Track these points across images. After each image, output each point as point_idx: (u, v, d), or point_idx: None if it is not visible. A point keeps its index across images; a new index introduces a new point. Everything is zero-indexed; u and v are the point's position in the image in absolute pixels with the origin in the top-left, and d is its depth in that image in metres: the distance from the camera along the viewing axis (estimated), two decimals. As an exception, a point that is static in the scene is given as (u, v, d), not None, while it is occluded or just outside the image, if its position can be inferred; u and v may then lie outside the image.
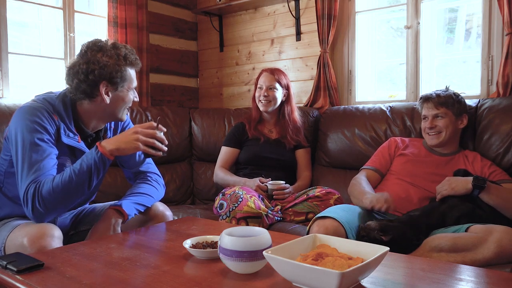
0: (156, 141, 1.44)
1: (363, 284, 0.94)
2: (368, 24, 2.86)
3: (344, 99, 2.88)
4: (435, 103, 1.90)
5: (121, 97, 1.52)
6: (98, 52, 1.45)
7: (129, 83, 1.52)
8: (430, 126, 1.90)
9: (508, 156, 1.94)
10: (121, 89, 1.50)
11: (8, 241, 1.34)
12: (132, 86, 1.55)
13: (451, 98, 1.90)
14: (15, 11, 2.60)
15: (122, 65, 1.47)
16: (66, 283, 0.97)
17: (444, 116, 1.89)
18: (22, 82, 2.62)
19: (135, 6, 2.88)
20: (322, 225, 1.54)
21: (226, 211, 1.93)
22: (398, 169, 1.95)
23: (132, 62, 1.51)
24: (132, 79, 1.54)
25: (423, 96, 1.98)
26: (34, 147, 1.35)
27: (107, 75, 1.44)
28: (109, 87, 1.47)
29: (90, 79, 1.43)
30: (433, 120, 1.90)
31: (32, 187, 1.31)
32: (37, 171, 1.33)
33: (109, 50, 1.46)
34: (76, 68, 1.44)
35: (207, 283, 0.97)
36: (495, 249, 1.37)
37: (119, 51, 1.48)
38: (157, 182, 1.68)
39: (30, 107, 1.41)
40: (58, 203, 1.35)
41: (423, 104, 1.96)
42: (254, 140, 2.41)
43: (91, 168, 1.36)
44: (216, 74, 3.52)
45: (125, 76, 1.49)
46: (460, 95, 1.95)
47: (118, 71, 1.46)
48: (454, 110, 1.89)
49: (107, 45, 1.48)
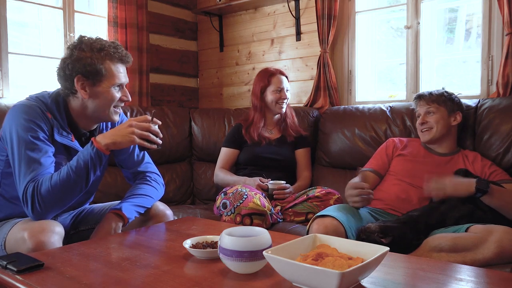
0: (151, 134, 1.43)
1: (363, 284, 0.94)
2: (368, 24, 2.86)
3: (344, 99, 2.88)
4: (426, 100, 1.94)
5: (100, 93, 1.45)
6: (75, 47, 1.43)
7: (109, 78, 1.44)
8: (422, 122, 1.94)
9: (508, 156, 1.94)
10: (100, 84, 1.43)
11: (9, 236, 1.34)
12: (115, 83, 1.46)
13: (443, 95, 1.94)
14: (15, 11, 2.60)
15: (95, 57, 1.41)
16: (66, 283, 0.97)
17: (435, 112, 1.92)
18: (22, 82, 2.62)
19: (135, 6, 2.88)
20: (321, 224, 1.54)
21: (230, 208, 1.93)
22: (397, 170, 1.95)
23: (110, 55, 1.43)
24: (113, 75, 1.45)
25: (416, 95, 2.02)
26: (29, 146, 1.35)
27: (80, 68, 1.40)
28: (85, 82, 1.43)
29: (67, 74, 1.42)
30: (424, 116, 1.94)
31: (31, 186, 1.31)
32: (34, 170, 1.33)
33: (85, 44, 1.43)
34: (58, 65, 1.46)
35: (207, 283, 0.97)
36: (495, 249, 1.37)
37: (95, 44, 1.43)
38: (157, 181, 1.68)
39: (24, 105, 1.41)
40: (58, 201, 1.35)
41: (417, 102, 2.00)
42: (255, 141, 2.41)
43: (87, 163, 1.35)
44: (216, 74, 3.52)
45: (101, 70, 1.42)
46: (454, 94, 1.98)
47: (92, 64, 1.40)
48: (447, 106, 1.92)
49: (87, 40, 1.45)
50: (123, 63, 1.50)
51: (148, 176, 1.67)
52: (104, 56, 1.43)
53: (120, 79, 1.48)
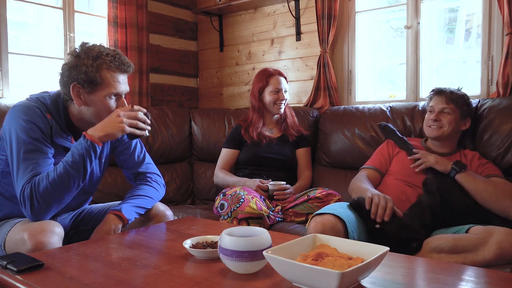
0: (139, 122, 1.44)
1: (363, 284, 0.94)
2: (368, 24, 2.86)
3: (344, 99, 2.88)
4: (447, 98, 1.89)
5: (95, 102, 1.42)
6: (74, 53, 1.43)
7: (104, 87, 1.41)
8: (435, 119, 1.89)
9: (508, 156, 1.94)
10: (95, 93, 1.41)
11: (8, 236, 1.34)
12: (111, 92, 1.42)
13: (463, 98, 1.90)
14: (15, 11, 2.60)
15: (91, 65, 1.38)
16: (66, 283, 0.97)
17: (451, 113, 1.88)
18: (22, 82, 2.63)
19: (135, 6, 2.88)
20: (319, 221, 1.52)
21: (228, 211, 1.93)
22: (396, 169, 1.94)
23: (106, 63, 1.40)
24: (109, 84, 1.41)
25: (436, 89, 1.96)
26: (28, 146, 1.35)
27: (76, 75, 1.39)
28: (80, 89, 1.41)
29: (65, 80, 1.42)
30: (439, 114, 1.89)
31: (28, 187, 1.31)
32: (32, 170, 1.33)
33: (83, 51, 1.41)
34: (60, 71, 1.46)
35: (207, 283, 0.97)
36: (496, 251, 1.37)
37: (92, 52, 1.40)
38: (157, 182, 1.67)
39: (24, 105, 1.41)
40: (56, 198, 1.34)
41: (434, 96, 1.94)
42: (255, 141, 2.41)
43: (83, 156, 1.35)
44: (216, 74, 3.52)
45: (95, 78, 1.39)
46: (470, 99, 1.96)
47: (87, 72, 1.38)
48: (462, 110, 1.89)
49: (87, 46, 1.43)
50: (122, 72, 1.45)
51: (149, 176, 1.67)
52: (100, 65, 1.39)
53: (116, 89, 1.44)
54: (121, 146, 1.68)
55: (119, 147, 1.68)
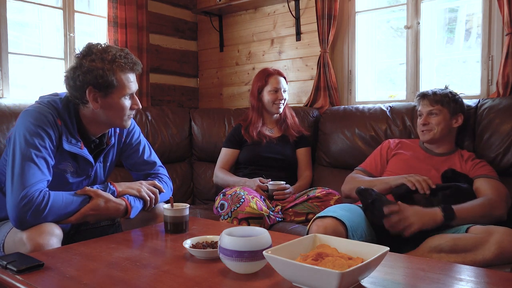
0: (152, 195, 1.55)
1: (363, 284, 0.94)
2: (368, 24, 2.86)
3: (344, 99, 2.88)
4: (430, 100, 1.92)
5: (112, 104, 1.43)
6: (86, 56, 1.40)
7: (120, 89, 1.43)
8: (423, 123, 1.93)
9: (508, 156, 1.94)
10: (111, 96, 1.42)
11: (7, 237, 1.33)
12: (126, 93, 1.45)
13: (447, 96, 1.92)
14: (15, 11, 2.60)
15: (107, 69, 1.38)
16: (66, 283, 0.97)
17: (438, 114, 1.90)
18: (22, 82, 2.62)
19: (135, 6, 2.88)
20: (321, 225, 1.53)
21: (228, 211, 1.93)
22: (394, 170, 1.94)
23: (121, 66, 1.41)
24: (124, 85, 1.43)
25: (420, 93, 2.00)
26: (33, 151, 1.32)
27: (92, 80, 1.38)
28: (97, 93, 1.40)
29: (78, 85, 1.40)
30: (427, 117, 1.93)
31: (26, 200, 1.26)
32: (31, 175, 1.30)
33: (96, 54, 1.40)
34: (67, 74, 1.43)
35: (207, 283, 0.97)
36: (496, 251, 1.37)
37: (106, 55, 1.40)
38: (167, 184, 1.70)
39: (35, 111, 1.38)
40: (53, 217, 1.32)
41: (420, 101, 1.98)
42: (255, 140, 2.41)
43: None
44: (216, 74, 3.52)
45: (112, 82, 1.40)
46: (458, 95, 1.97)
47: (104, 76, 1.38)
48: (450, 108, 1.91)
49: (98, 48, 1.42)
50: (134, 71, 1.48)
51: (160, 176, 1.70)
52: (115, 68, 1.40)
53: (130, 89, 1.47)
54: (129, 150, 1.68)
55: (127, 151, 1.69)
